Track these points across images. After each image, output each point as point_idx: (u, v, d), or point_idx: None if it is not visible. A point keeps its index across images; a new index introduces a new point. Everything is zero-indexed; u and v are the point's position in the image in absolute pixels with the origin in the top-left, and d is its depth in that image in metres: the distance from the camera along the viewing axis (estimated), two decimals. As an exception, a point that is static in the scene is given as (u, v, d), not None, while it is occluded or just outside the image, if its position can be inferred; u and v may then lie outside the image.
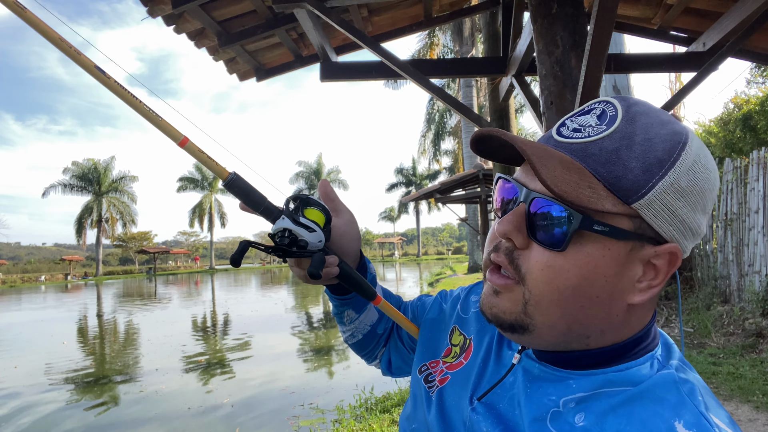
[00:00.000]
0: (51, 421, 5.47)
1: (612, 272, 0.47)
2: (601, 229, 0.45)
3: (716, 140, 11.20)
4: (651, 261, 0.48)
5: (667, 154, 0.46)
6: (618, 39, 9.85)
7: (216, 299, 19.26)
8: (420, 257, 65.14)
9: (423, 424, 0.65)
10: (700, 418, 0.41)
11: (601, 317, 0.48)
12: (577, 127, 0.49)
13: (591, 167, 0.46)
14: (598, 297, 0.47)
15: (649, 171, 0.45)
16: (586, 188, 0.45)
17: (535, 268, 0.48)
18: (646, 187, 0.45)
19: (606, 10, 1.93)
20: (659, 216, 0.46)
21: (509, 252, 0.50)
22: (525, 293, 0.48)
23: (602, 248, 0.46)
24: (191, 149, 0.65)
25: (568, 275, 0.47)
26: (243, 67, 3.57)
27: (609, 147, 0.46)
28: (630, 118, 0.48)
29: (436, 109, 27.78)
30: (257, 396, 5.95)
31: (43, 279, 43.59)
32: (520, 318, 0.49)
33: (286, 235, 0.62)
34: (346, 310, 0.82)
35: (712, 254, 7.31)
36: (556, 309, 0.48)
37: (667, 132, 0.47)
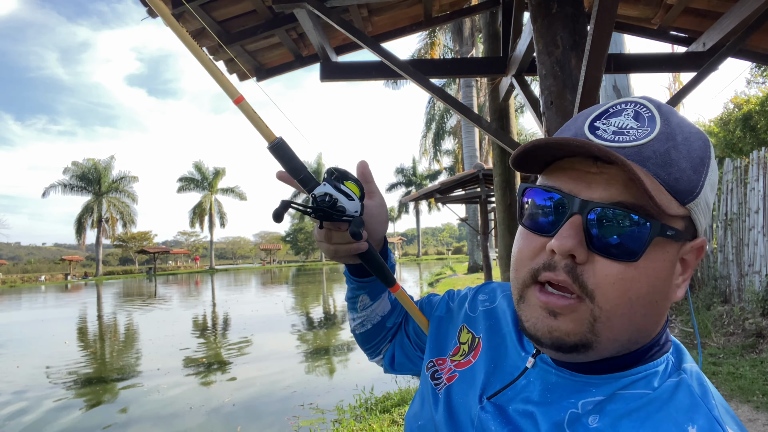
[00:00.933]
0: (52, 420, 5.48)
1: (668, 275, 0.47)
2: (672, 233, 0.44)
3: (716, 140, 11.20)
4: (684, 257, 0.48)
5: (704, 152, 0.46)
6: (618, 39, 9.85)
7: (216, 299, 19.26)
8: (420, 257, 65.14)
9: (430, 422, 0.65)
10: (713, 423, 0.41)
11: (656, 320, 0.48)
12: (616, 129, 0.47)
13: (652, 171, 0.45)
14: (657, 302, 0.46)
15: (697, 170, 0.45)
16: (659, 193, 0.44)
17: (605, 282, 0.45)
18: (698, 186, 0.45)
19: (606, 10, 1.92)
20: (702, 213, 0.47)
21: (571, 269, 0.46)
22: (594, 310, 0.45)
23: (663, 252, 0.45)
24: (245, 108, 0.67)
25: (640, 285, 0.45)
26: (243, 67, 3.57)
27: (660, 149, 0.45)
28: (665, 118, 0.47)
29: (437, 109, 27.78)
30: (257, 396, 5.95)
31: (43, 279, 43.58)
32: (586, 337, 0.46)
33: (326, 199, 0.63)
34: (362, 294, 0.81)
35: (712, 254, 7.31)
36: (626, 322, 0.46)
37: (695, 129, 0.47)
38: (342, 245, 0.67)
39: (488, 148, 21.60)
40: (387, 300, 0.84)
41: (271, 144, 0.66)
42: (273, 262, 65.06)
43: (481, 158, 21.71)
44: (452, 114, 26.43)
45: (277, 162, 0.67)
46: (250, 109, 0.67)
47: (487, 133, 3.19)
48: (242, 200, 51.41)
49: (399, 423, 4.20)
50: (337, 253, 0.68)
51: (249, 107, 0.67)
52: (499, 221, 4.21)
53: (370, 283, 0.79)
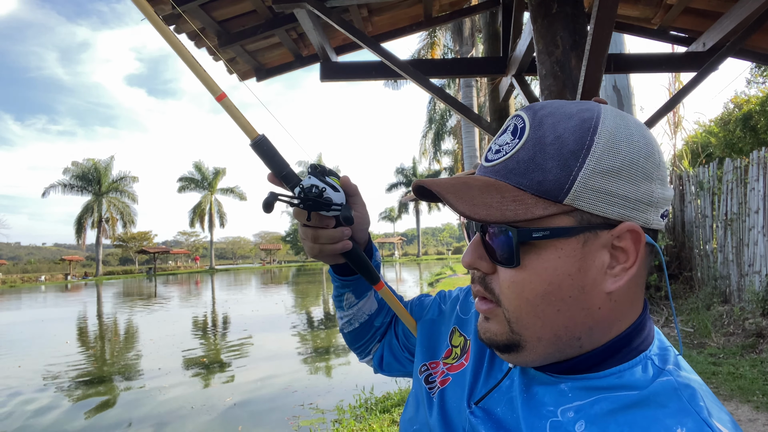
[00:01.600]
0: (56, 419, 5.48)
1: (574, 269, 0.47)
2: (541, 234, 0.46)
3: (716, 140, 11.19)
4: (615, 245, 0.47)
5: (578, 144, 0.46)
6: (618, 39, 9.84)
7: (217, 299, 19.27)
8: (420, 257, 65.15)
9: (425, 426, 0.65)
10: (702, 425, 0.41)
11: (583, 314, 0.48)
12: (497, 148, 0.51)
13: (514, 182, 0.48)
14: (571, 296, 0.47)
15: (566, 165, 0.46)
16: (510, 203, 0.47)
17: (503, 287, 0.50)
18: (568, 181, 0.46)
19: (606, 10, 1.93)
20: (596, 202, 0.46)
21: (482, 279, 0.52)
22: (505, 313, 0.50)
23: (555, 250, 0.47)
24: (227, 105, 0.68)
25: (533, 285, 0.48)
26: (243, 67, 3.57)
27: (525, 157, 0.48)
28: (537, 123, 0.49)
29: (437, 110, 27.78)
30: (257, 396, 5.95)
31: (43, 279, 43.59)
32: (510, 336, 0.50)
33: (313, 190, 0.64)
34: (347, 292, 0.82)
35: (712, 254, 7.31)
36: (535, 319, 0.48)
37: (574, 123, 0.47)
38: (327, 245, 0.69)
39: (488, 148, 21.56)
40: (374, 299, 0.85)
41: (254, 141, 0.67)
42: (273, 262, 65.05)
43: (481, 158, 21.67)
44: (452, 114, 26.43)
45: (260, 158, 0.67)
46: (232, 106, 0.68)
47: (487, 133, 3.19)
48: (242, 200, 51.48)
49: (399, 423, 4.20)
50: (322, 252, 0.70)
51: (231, 104, 0.68)
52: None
53: (354, 281, 0.80)
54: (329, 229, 0.68)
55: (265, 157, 0.67)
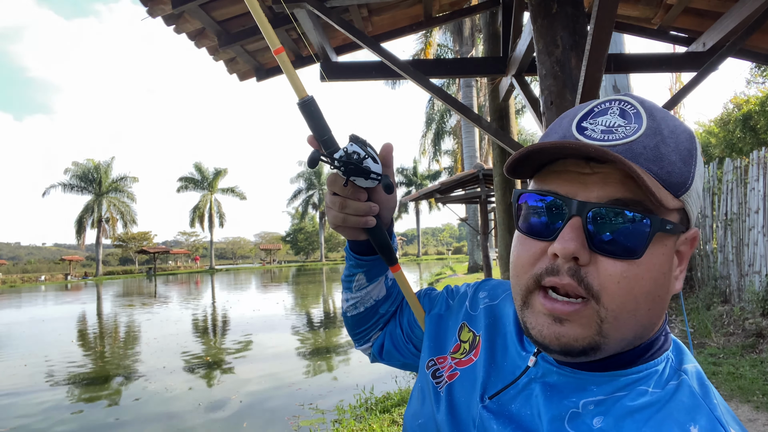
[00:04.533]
0: (60, 419, 5.50)
1: (669, 268, 0.47)
2: (670, 227, 0.45)
3: (716, 140, 11.19)
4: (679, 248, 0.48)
5: (691, 143, 0.47)
6: (618, 39, 9.83)
7: (218, 299, 19.26)
8: (420, 257, 65.13)
9: (431, 420, 0.64)
10: (714, 423, 0.41)
11: (659, 314, 0.48)
12: (605, 128, 0.47)
13: (644, 166, 0.45)
14: (660, 296, 0.46)
15: (687, 162, 0.46)
16: (659, 188, 0.44)
17: (609, 282, 0.44)
18: (689, 178, 0.46)
19: (606, 10, 1.92)
20: (694, 203, 0.47)
21: (575, 272, 0.45)
22: (600, 312, 0.45)
23: (662, 246, 0.45)
24: (283, 60, 0.68)
25: (644, 282, 0.45)
26: (243, 67, 3.57)
27: (650, 144, 0.45)
28: (650, 112, 0.47)
29: (436, 109, 27.77)
30: (257, 396, 5.95)
31: (43, 279, 43.58)
32: (594, 340, 0.46)
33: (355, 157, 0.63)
34: (359, 273, 0.80)
35: (712, 254, 7.31)
36: (633, 319, 0.46)
37: (679, 123, 0.48)
38: (352, 216, 0.67)
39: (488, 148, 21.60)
40: (383, 285, 0.84)
41: (302, 100, 0.67)
42: (273, 262, 65.03)
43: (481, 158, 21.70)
44: (452, 114, 26.42)
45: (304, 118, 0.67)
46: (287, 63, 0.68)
47: (487, 133, 3.19)
48: (242, 200, 51.47)
49: (399, 423, 4.20)
50: (345, 222, 0.67)
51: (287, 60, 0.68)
52: (499, 221, 4.21)
53: (370, 262, 0.79)
54: (360, 202, 0.66)
55: (311, 118, 0.66)
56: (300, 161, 56.66)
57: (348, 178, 0.64)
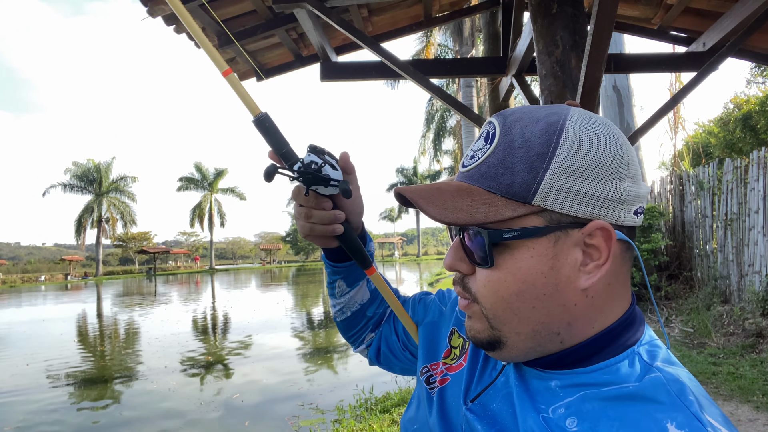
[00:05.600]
0: (66, 417, 5.52)
1: (547, 267, 0.48)
2: (511, 235, 0.48)
3: (716, 140, 11.20)
4: (587, 242, 0.48)
5: (544, 147, 0.48)
6: (618, 39, 9.84)
7: (218, 299, 19.27)
8: (420, 257, 65.14)
9: (425, 425, 0.66)
10: (692, 419, 0.41)
11: (559, 311, 0.49)
12: (472, 154, 0.53)
13: (485, 185, 0.50)
14: (545, 294, 0.49)
15: (533, 168, 0.47)
16: (480, 206, 0.49)
17: (480, 286, 0.52)
18: (534, 182, 0.47)
19: (606, 10, 1.92)
20: (563, 201, 0.47)
21: (461, 280, 0.55)
22: (483, 310, 0.52)
23: (527, 250, 0.49)
24: (232, 81, 0.69)
25: (507, 284, 0.50)
26: (243, 67, 3.57)
27: (495, 161, 0.50)
28: (507, 129, 0.51)
29: (436, 109, 27.76)
30: (258, 396, 5.96)
31: (43, 279, 43.58)
32: (491, 333, 0.52)
33: (313, 166, 0.65)
34: (338, 280, 0.83)
35: (712, 254, 7.31)
36: (511, 317, 0.50)
37: (541, 127, 0.49)
38: (319, 224, 0.70)
39: (488, 148, 21.53)
40: (366, 288, 0.86)
41: (256, 117, 0.68)
42: (273, 262, 65.03)
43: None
44: (452, 114, 26.42)
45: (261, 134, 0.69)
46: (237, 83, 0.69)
47: (487, 133, 3.18)
48: (242, 200, 51.44)
49: (399, 423, 4.20)
50: (313, 231, 0.71)
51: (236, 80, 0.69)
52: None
53: (346, 268, 0.82)
54: (325, 211, 0.69)
55: (267, 134, 0.68)
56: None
57: (308, 188, 0.66)
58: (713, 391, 4.42)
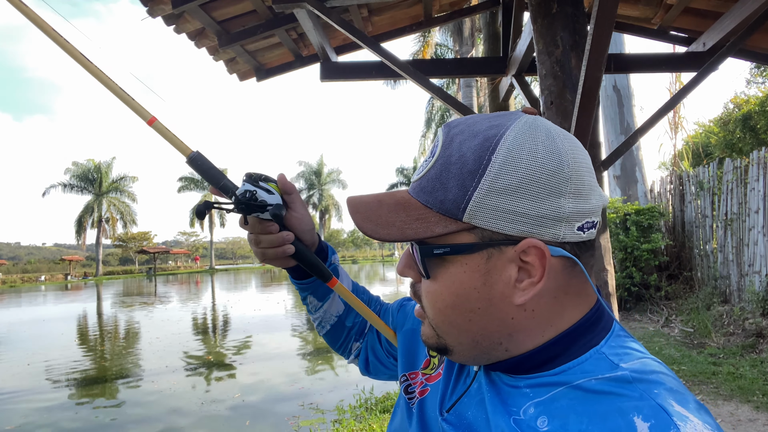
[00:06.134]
0: (68, 416, 5.52)
1: (479, 283, 0.49)
2: (442, 251, 0.49)
3: (716, 140, 11.20)
4: (522, 259, 0.48)
5: (476, 164, 0.47)
6: (618, 39, 9.84)
7: (219, 299, 19.27)
8: (420, 257, 65.03)
9: None
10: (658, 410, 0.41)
11: (496, 324, 0.50)
12: (421, 166, 0.53)
13: (423, 200, 0.50)
14: (480, 308, 0.49)
15: (463, 185, 0.47)
16: (413, 222, 0.49)
17: (423, 296, 0.54)
18: (464, 200, 0.47)
19: (606, 10, 1.92)
20: (493, 220, 0.47)
21: (413, 286, 0.57)
22: (428, 319, 0.54)
23: (460, 265, 0.49)
24: (158, 128, 0.69)
25: (442, 296, 0.51)
26: (243, 67, 3.57)
27: (433, 176, 0.50)
28: (449, 142, 0.50)
29: (436, 109, 27.77)
30: (258, 395, 5.96)
31: (43, 279, 43.57)
32: (437, 339, 0.54)
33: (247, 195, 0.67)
34: (309, 296, 0.85)
35: (712, 254, 7.31)
36: (450, 327, 0.52)
37: (477, 142, 0.48)
38: (269, 249, 0.71)
39: (488, 148, 21.52)
40: (339, 300, 0.87)
41: (189, 158, 0.70)
42: (273, 262, 64.84)
43: None
44: (452, 114, 26.41)
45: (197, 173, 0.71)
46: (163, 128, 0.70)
47: (487, 133, 3.18)
48: (242, 200, 51.36)
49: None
50: (266, 256, 0.72)
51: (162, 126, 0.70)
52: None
53: (311, 284, 0.83)
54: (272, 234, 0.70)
55: (201, 171, 0.70)
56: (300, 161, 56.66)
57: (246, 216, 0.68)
58: (713, 391, 4.42)
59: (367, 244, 78.00)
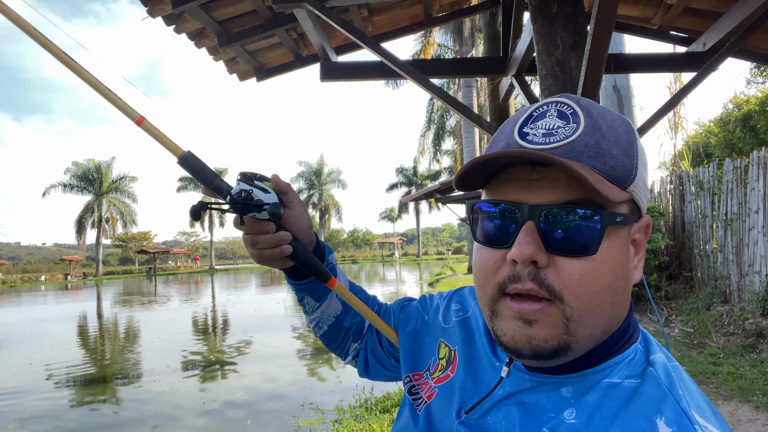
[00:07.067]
0: (67, 417, 5.53)
1: (626, 259, 0.47)
2: (620, 219, 0.45)
3: (716, 140, 11.19)
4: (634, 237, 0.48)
5: (629, 135, 0.47)
6: (618, 39, 9.82)
7: (219, 299, 19.27)
8: (420, 257, 65.10)
9: None
10: (680, 414, 0.41)
11: (623, 306, 0.48)
12: (545, 131, 0.47)
13: (587, 164, 0.45)
14: (621, 287, 0.47)
15: (628, 154, 0.46)
16: (603, 184, 0.44)
17: (570, 281, 0.45)
18: (633, 169, 0.46)
19: (606, 10, 1.92)
20: (642, 193, 0.48)
21: (535, 275, 0.46)
22: (566, 311, 0.45)
23: (617, 239, 0.46)
24: (147, 127, 0.67)
25: (603, 276, 0.45)
26: (243, 67, 3.57)
27: (590, 141, 0.46)
28: (587, 110, 0.48)
29: (436, 109, 27.76)
30: (258, 396, 5.97)
31: (43, 279, 43.56)
32: (562, 339, 0.46)
33: (242, 194, 0.65)
34: (306, 296, 0.82)
35: (712, 254, 7.31)
36: (598, 315, 0.46)
37: (616, 116, 0.49)
38: (266, 249, 0.68)
39: (488, 148, 21.53)
40: (336, 300, 0.85)
41: (180, 158, 0.68)
42: (273, 262, 64.81)
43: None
44: (452, 114, 26.42)
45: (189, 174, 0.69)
46: (153, 128, 0.67)
47: (487, 133, 3.19)
48: (242, 200, 51.31)
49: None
50: (262, 257, 0.70)
51: (152, 126, 0.67)
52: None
53: (309, 284, 0.80)
54: (269, 234, 0.68)
55: (194, 171, 0.68)
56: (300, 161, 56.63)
57: (242, 216, 0.66)
58: (713, 391, 4.42)
59: (367, 244, 77.97)
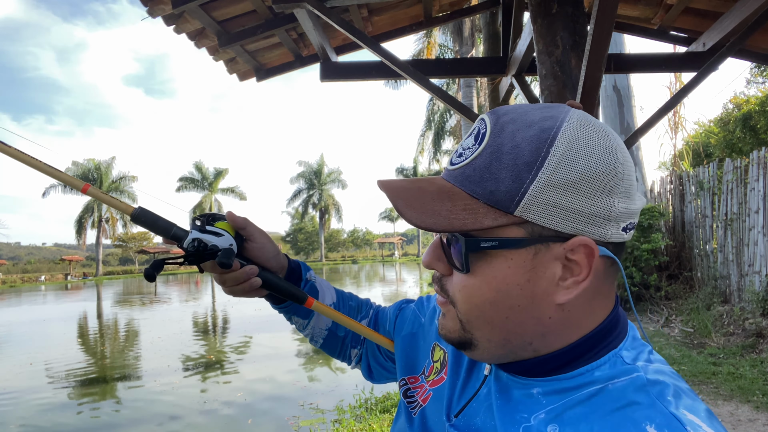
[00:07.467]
0: (69, 416, 5.53)
1: (523, 279, 0.47)
2: (489, 245, 0.47)
3: (716, 140, 11.19)
4: (568, 257, 0.47)
5: (533, 156, 0.45)
6: (618, 39, 9.83)
7: (219, 299, 19.27)
8: (420, 257, 65.08)
9: None
10: (671, 419, 0.41)
11: (533, 323, 0.48)
12: (460, 152, 0.50)
13: (468, 189, 0.48)
14: (519, 305, 0.48)
15: (519, 177, 0.45)
16: (460, 212, 0.47)
17: (455, 290, 0.51)
18: (519, 193, 0.45)
19: (606, 10, 1.93)
20: (547, 215, 0.45)
21: (438, 279, 0.54)
22: (458, 313, 0.51)
23: (505, 260, 0.47)
24: (94, 193, 0.70)
25: (482, 292, 0.49)
26: (243, 67, 3.57)
27: (481, 165, 0.47)
28: (498, 130, 0.48)
29: (436, 109, 27.77)
30: (258, 396, 5.97)
31: (43, 279, 43.56)
32: (462, 335, 0.52)
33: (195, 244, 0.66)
34: (292, 317, 0.84)
35: (712, 254, 7.31)
36: (484, 323, 0.50)
37: (533, 132, 0.46)
38: (237, 286, 0.71)
39: (488, 148, 21.51)
40: None
41: (133, 215, 0.71)
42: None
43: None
44: (452, 114, 26.42)
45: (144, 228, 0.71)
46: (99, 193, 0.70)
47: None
48: (242, 200, 51.43)
49: None
50: (234, 293, 0.72)
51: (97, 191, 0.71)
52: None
53: (290, 307, 0.82)
54: (235, 272, 0.69)
55: (147, 225, 0.71)
56: (300, 161, 56.65)
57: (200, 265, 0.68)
58: (713, 391, 4.42)
59: (367, 244, 77.95)
